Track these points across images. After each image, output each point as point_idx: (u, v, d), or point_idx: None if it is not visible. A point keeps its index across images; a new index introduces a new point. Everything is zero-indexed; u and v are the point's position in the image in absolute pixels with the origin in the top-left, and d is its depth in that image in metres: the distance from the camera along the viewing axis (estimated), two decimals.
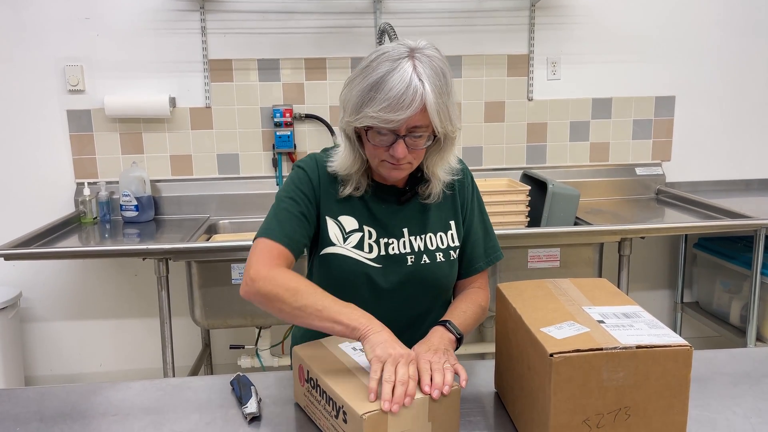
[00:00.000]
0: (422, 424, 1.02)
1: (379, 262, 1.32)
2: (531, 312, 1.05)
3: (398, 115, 1.14)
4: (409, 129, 1.19)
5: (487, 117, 2.98)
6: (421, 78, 1.15)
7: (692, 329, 3.26)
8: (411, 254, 1.33)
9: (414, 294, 1.34)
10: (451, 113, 1.21)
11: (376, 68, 1.17)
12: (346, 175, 1.31)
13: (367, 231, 1.32)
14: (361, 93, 1.18)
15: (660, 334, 0.96)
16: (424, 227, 1.35)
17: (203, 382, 1.31)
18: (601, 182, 3.06)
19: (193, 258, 2.32)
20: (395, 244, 1.33)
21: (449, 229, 1.37)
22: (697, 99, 3.07)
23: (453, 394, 1.04)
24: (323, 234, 1.32)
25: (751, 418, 1.14)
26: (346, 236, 1.32)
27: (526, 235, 2.39)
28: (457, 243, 1.37)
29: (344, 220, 1.32)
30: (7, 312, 2.69)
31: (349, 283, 1.31)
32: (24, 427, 1.14)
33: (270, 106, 2.85)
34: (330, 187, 1.33)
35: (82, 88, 2.75)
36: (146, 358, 2.99)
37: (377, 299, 1.31)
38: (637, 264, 3.10)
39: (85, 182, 2.77)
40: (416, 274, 1.33)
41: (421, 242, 1.34)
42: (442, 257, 1.35)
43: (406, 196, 1.34)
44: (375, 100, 1.16)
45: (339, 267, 1.31)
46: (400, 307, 1.34)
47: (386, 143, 1.21)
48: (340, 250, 1.31)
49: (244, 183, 2.90)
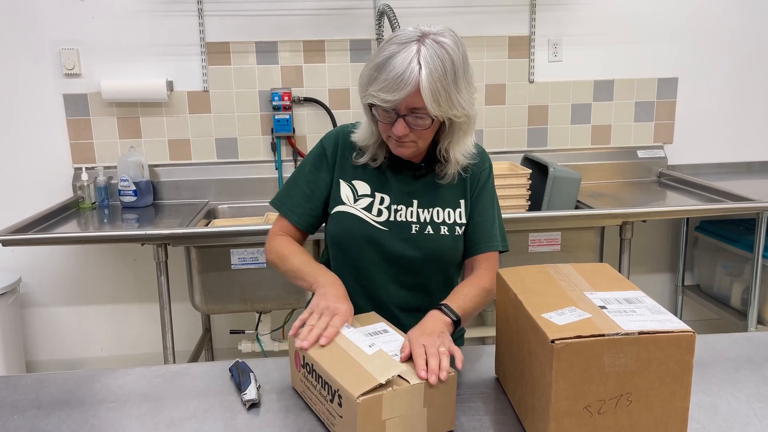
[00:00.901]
0: (418, 410, 1.01)
1: (385, 226, 1.38)
2: (532, 297, 1.04)
3: (393, 95, 1.21)
4: (410, 109, 1.24)
5: (487, 100, 2.95)
6: (420, 62, 1.20)
7: (693, 312, 3.26)
8: (416, 223, 1.38)
9: (416, 261, 1.38)
10: (456, 98, 1.24)
11: (385, 50, 1.24)
12: (364, 145, 1.39)
13: (379, 197, 1.39)
14: (369, 72, 1.25)
15: (662, 320, 0.95)
16: (433, 202, 1.40)
17: (202, 368, 1.30)
18: (603, 165, 3.04)
19: (192, 243, 2.31)
20: (403, 211, 1.39)
21: (458, 207, 1.41)
22: (700, 81, 3.04)
23: (449, 379, 1.03)
24: (335, 194, 1.41)
25: (753, 403, 1.13)
26: (357, 198, 1.40)
27: (527, 218, 2.38)
28: (464, 220, 1.41)
29: (358, 184, 1.41)
30: (7, 297, 2.68)
31: (355, 243, 1.38)
32: (22, 415, 1.14)
33: (268, 90, 2.83)
34: (349, 154, 1.42)
35: (78, 71, 2.73)
36: (147, 343, 2.99)
37: (382, 263, 1.38)
38: (639, 247, 3.09)
39: (82, 167, 2.75)
40: (418, 242, 1.37)
41: (428, 215, 1.39)
42: (447, 231, 1.38)
43: (421, 172, 1.39)
44: (377, 80, 1.23)
45: (346, 226, 1.38)
46: (404, 273, 1.39)
47: (389, 120, 1.27)
48: (348, 209, 1.39)
49: (243, 167, 2.88)
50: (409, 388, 0.99)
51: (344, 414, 0.99)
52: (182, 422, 1.11)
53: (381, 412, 0.98)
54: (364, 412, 0.96)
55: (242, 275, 2.35)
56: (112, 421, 1.12)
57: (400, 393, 0.98)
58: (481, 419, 1.09)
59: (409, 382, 1.00)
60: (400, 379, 1.00)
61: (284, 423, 1.10)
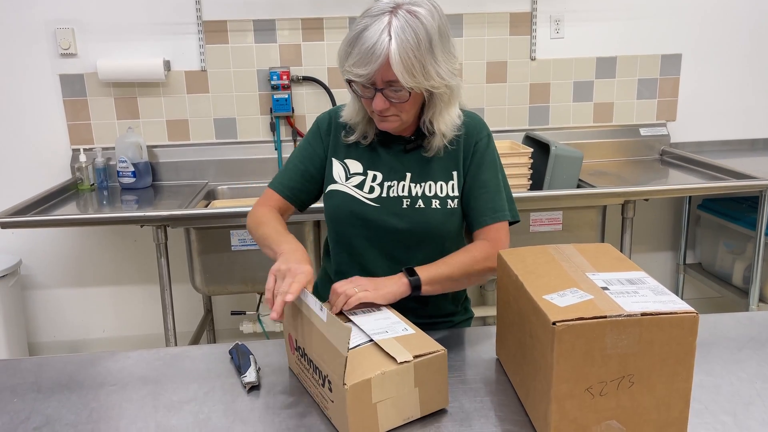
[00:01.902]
0: (409, 390, 1.00)
1: (377, 202, 1.36)
2: (533, 279, 1.03)
3: (365, 69, 1.19)
4: (386, 83, 1.22)
5: (488, 77, 2.92)
6: (391, 33, 1.17)
7: (694, 290, 3.26)
8: (408, 198, 1.36)
9: (407, 235, 1.36)
10: (433, 69, 1.21)
11: (358, 23, 1.22)
12: (353, 123, 1.39)
13: (372, 175, 1.38)
14: (344, 47, 1.24)
15: (665, 301, 0.93)
16: (425, 176, 1.37)
17: (202, 351, 1.30)
18: (605, 143, 3.01)
19: (192, 225, 2.30)
20: (395, 186, 1.37)
21: (451, 179, 1.38)
22: (704, 57, 3.00)
23: (439, 358, 1.02)
24: (328, 173, 1.41)
25: (756, 383, 1.12)
26: (349, 176, 1.39)
27: (529, 198, 2.36)
28: (457, 193, 1.37)
29: (350, 162, 1.40)
30: (8, 280, 2.68)
31: (347, 220, 1.37)
32: (21, 398, 1.14)
33: (267, 69, 2.79)
34: (341, 134, 1.42)
35: (74, 51, 2.69)
36: (149, 324, 2.99)
37: (375, 239, 1.37)
38: (640, 226, 3.08)
39: (80, 148, 2.73)
40: (410, 217, 1.35)
41: (420, 189, 1.36)
42: (438, 204, 1.36)
43: (411, 145, 1.37)
44: (351, 55, 1.21)
45: (338, 203, 1.38)
46: (397, 249, 1.37)
47: (369, 95, 1.25)
48: (341, 188, 1.38)
49: (242, 148, 2.86)
50: (398, 370, 0.99)
51: (335, 399, 0.99)
52: (182, 405, 1.10)
53: (371, 395, 0.97)
54: (353, 397, 0.95)
55: (242, 256, 2.34)
56: (112, 405, 1.11)
57: (389, 375, 0.98)
58: (482, 400, 1.09)
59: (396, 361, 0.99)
60: (388, 361, 1.00)
61: (284, 405, 1.09)
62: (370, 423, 0.98)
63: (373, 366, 0.99)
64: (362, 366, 0.99)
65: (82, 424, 1.05)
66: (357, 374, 0.97)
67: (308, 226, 2.35)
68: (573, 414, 0.92)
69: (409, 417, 1.02)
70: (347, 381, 0.95)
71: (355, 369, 0.98)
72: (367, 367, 0.99)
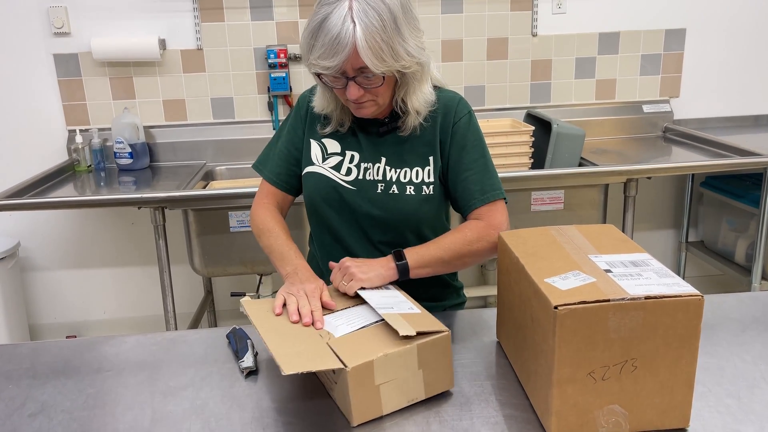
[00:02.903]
0: (413, 372, 0.99)
1: (353, 185, 1.34)
2: (534, 261, 1.01)
3: (332, 61, 1.14)
4: (357, 70, 1.17)
5: (489, 54, 2.87)
6: (354, 19, 1.12)
7: (696, 268, 3.24)
8: (382, 182, 1.33)
9: (384, 221, 1.34)
10: (402, 48, 1.16)
11: (318, 12, 1.16)
12: (327, 113, 1.35)
13: (350, 155, 1.35)
14: (306, 41, 1.18)
15: (670, 284, 0.91)
16: (402, 160, 1.34)
17: (199, 335, 1.29)
18: (607, 121, 2.97)
19: (190, 206, 2.28)
20: (371, 170, 1.34)
21: (427, 164, 1.34)
22: (708, 31, 2.95)
23: (443, 339, 1.01)
24: (306, 154, 1.38)
25: (760, 365, 1.11)
26: (326, 157, 1.36)
27: (530, 177, 2.33)
28: (433, 179, 1.33)
29: (327, 142, 1.37)
30: (7, 262, 2.67)
31: (324, 202, 1.35)
32: (16, 384, 1.12)
33: (264, 47, 2.75)
34: (319, 118, 1.38)
35: (67, 30, 2.65)
36: (149, 306, 2.99)
37: (353, 221, 1.36)
38: (643, 204, 3.05)
39: (76, 129, 2.70)
40: (383, 202, 1.33)
41: (395, 174, 1.33)
42: (413, 191, 1.32)
43: (385, 128, 1.34)
44: (315, 48, 1.16)
45: (315, 185, 1.35)
46: (375, 233, 1.36)
47: (340, 85, 1.21)
48: (317, 169, 1.36)
49: (240, 128, 2.82)
50: (401, 352, 0.98)
51: (338, 380, 0.98)
52: (179, 390, 1.09)
53: (373, 377, 0.96)
54: (354, 379, 0.94)
55: (241, 238, 2.32)
56: (109, 390, 1.10)
57: (391, 357, 0.97)
58: (482, 384, 1.08)
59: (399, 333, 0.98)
60: (392, 343, 0.98)
61: (281, 390, 1.08)
62: (373, 405, 0.97)
63: (376, 348, 0.98)
64: (365, 348, 0.98)
65: (78, 411, 1.04)
66: (359, 356, 0.96)
67: None
68: (574, 398, 0.91)
69: (413, 399, 1.01)
70: (349, 363, 0.94)
71: (358, 351, 0.97)
72: (370, 348, 0.97)
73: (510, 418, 0.99)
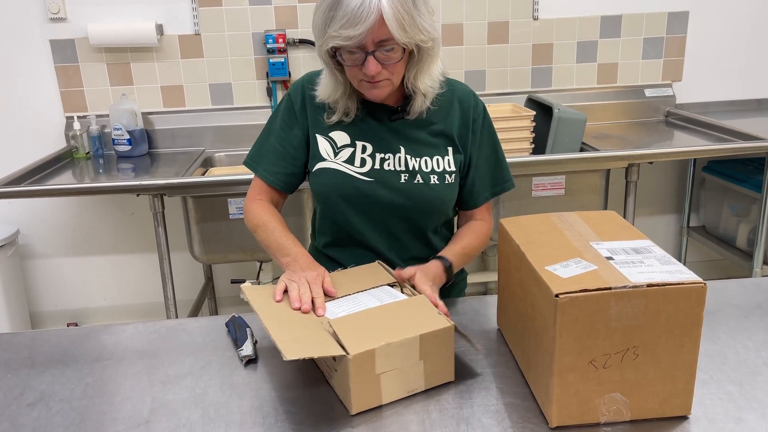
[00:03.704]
0: (414, 363, 0.99)
1: (371, 176, 1.31)
2: (535, 249, 1.00)
3: (357, 29, 1.11)
4: (377, 44, 1.15)
5: (490, 38, 2.84)
6: None
7: (698, 253, 3.23)
8: (405, 172, 1.31)
9: (408, 211, 1.33)
10: (420, 22, 1.15)
11: None
12: (332, 101, 1.30)
13: (361, 146, 1.31)
14: (323, 14, 1.16)
15: (672, 271, 0.90)
16: (421, 149, 1.32)
17: (198, 324, 1.28)
18: (609, 105, 2.95)
19: (189, 193, 2.27)
20: (391, 159, 1.31)
21: (446, 154, 1.33)
22: (712, 14, 2.91)
23: (446, 331, 1.00)
24: (314, 151, 1.33)
25: (762, 352, 1.10)
26: (337, 151, 1.32)
27: (531, 162, 2.32)
28: (453, 168, 1.33)
29: (336, 135, 1.33)
30: (6, 249, 2.66)
31: (341, 198, 1.32)
32: (15, 374, 1.12)
33: (262, 32, 2.72)
34: (321, 109, 1.33)
35: (63, 15, 2.62)
36: (150, 293, 2.98)
37: (371, 213, 1.33)
38: (644, 189, 3.04)
39: (74, 116, 2.68)
40: (408, 192, 1.31)
41: (416, 163, 1.31)
42: (437, 180, 1.31)
43: (398, 115, 1.31)
44: (335, 19, 1.13)
45: (329, 181, 1.31)
46: (395, 223, 1.34)
47: (358, 61, 1.17)
48: (330, 165, 1.31)
49: (239, 114, 2.80)
50: (403, 342, 0.97)
51: (339, 368, 0.97)
52: (178, 379, 1.09)
53: (374, 366, 0.95)
54: (356, 367, 0.94)
55: (241, 225, 2.30)
56: (108, 379, 1.10)
57: (393, 347, 0.96)
58: (482, 372, 1.07)
59: None
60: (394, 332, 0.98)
61: (281, 378, 1.08)
62: (373, 394, 0.97)
63: (378, 336, 0.97)
64: (367, 335, 0.97)
65: (77, 400, 1.04)
66: (361, 344, 0.95)
67: (307, 193, 2.32)
68: (575, 387, 0.90)
69: (413, 389, 1.01)
70: (351, 350, 0.94)
71: (359, 338, 0.96)
72: (373, 336, 0.97)
73: (510, 406, 0.98)
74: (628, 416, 0.93)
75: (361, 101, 1.31)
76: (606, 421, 0.93)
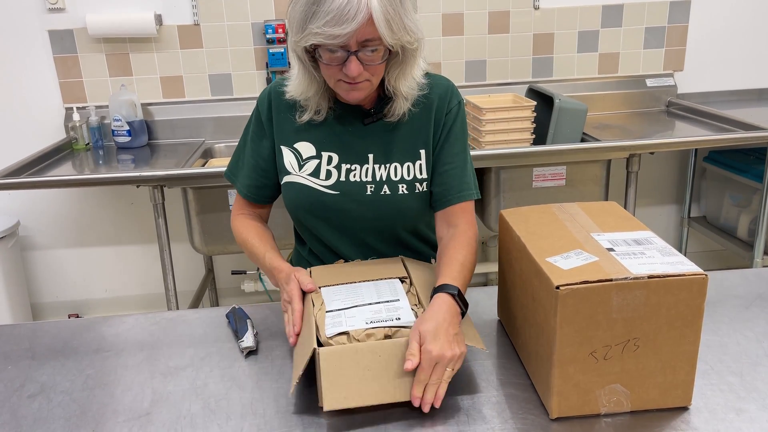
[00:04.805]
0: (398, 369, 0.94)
1: (336, 189, 1.26)
2: (536, 240, 1.00)
3: (344, 28, 1.04)
4: (361, 43, 1.08)
5: (490, 28, 2.82)
6: None
7: (698, 244, 3.23)
8: (371, 183, 1.25)
9: (376, 222, 1.28)
10: (406, 22, 1.09)
11: None
12: (304, 99, 1.23)
13: (327, 156, 1.26)
14: (303, 8, 1.07)
15: (673, 262, 0.90)
16: (390, 155, 1.25)
17: (198, 315, 1.28)
18: (610, 95, 2.93)
19: (189, 184, 2.27)
20: (357, 170, 1.26)
21: (418, 158, 1.26)
22: (713, 3, 2.89)
23: None
24: (280, 164, 1.29)
25: (763, 342, 1.10)
26: (302, 163, 1.27)
27: (531, 153, 2.31)
28: (425, 175, 1.26)
29: (301, 146, 1.27)
30: (7, 241, 2.66)
31: (307, 213, 1.29)
32: (15, 365, 1.12)
33: (261, 22, 2.70)
34: (288, 115, 1.27)
35: (62, 6, 2.60)
36: (151, 284, 2.99)
37: (342, 225, 1.29)
38: (645, 179, 3.03)
39: (74, 107, 2.67)
40: (376, 204, 1.25)
41: (385, 171, 1.25)
42: (405, 189, 1.25)
43: (371, 118, 1.25)
44: (318, 14, 1.05)
45: (295, 196, 1.28)
46: (367, 234, 1.30)
47: (338, 61, 1.11)
48: (295, 178, 1.27)
49: (239, 105, 2.79)
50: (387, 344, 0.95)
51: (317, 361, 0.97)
52: (179, 371, 1.09)
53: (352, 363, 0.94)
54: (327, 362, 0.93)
55: None
56: (108, 371, 1.10)
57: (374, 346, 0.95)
58: (483, 363, 1.07)
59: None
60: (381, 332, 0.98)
61: (281, 370, 1.08)
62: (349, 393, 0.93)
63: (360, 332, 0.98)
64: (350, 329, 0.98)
65: (78, 392, 1.04)
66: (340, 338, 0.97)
67: None
68: (576, 378, 0.90)
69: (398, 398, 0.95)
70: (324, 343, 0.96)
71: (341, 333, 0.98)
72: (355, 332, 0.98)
73: (511, 397, 0.98)
74: (628, 407, 0.93)
75: (334, 100, 1.25)
76: (606, 412, 0.93)
